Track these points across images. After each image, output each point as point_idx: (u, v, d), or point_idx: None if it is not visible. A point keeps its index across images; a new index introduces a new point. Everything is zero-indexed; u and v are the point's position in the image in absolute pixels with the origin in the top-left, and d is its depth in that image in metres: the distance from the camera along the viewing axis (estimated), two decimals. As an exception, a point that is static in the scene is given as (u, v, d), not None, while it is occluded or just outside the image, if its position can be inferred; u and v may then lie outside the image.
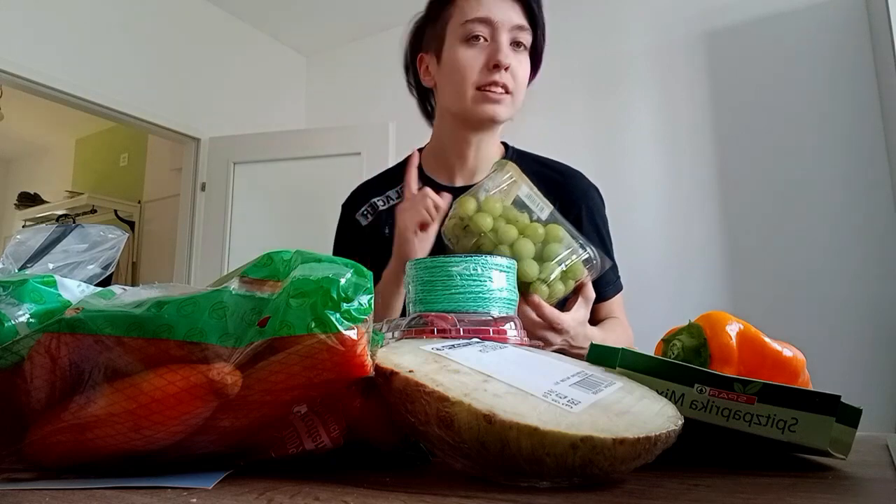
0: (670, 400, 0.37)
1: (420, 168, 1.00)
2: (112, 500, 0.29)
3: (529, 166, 0.97)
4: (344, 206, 1.05)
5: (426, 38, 0.96)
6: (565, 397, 0.32)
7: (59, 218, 4.08)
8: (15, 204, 4.41)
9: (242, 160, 3.01)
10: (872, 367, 2.02)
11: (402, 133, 2.79)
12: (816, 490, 0.30)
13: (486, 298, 0.50)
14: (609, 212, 1.01)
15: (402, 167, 1.03)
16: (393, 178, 1.02)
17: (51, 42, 2.50)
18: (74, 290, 0.42)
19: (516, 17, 0.88)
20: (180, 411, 0.31)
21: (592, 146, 2.68)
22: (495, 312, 0.50)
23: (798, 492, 0.30)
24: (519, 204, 0.72)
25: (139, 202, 3.90)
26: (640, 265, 2.50)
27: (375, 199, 1.01)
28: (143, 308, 0.32)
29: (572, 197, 0.95)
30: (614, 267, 0.98)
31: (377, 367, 0.34)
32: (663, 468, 0.35)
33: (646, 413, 0.32)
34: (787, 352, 0.44)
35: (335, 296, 0.32)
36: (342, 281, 0.32)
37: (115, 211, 3.83)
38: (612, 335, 0.89)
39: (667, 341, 0.48)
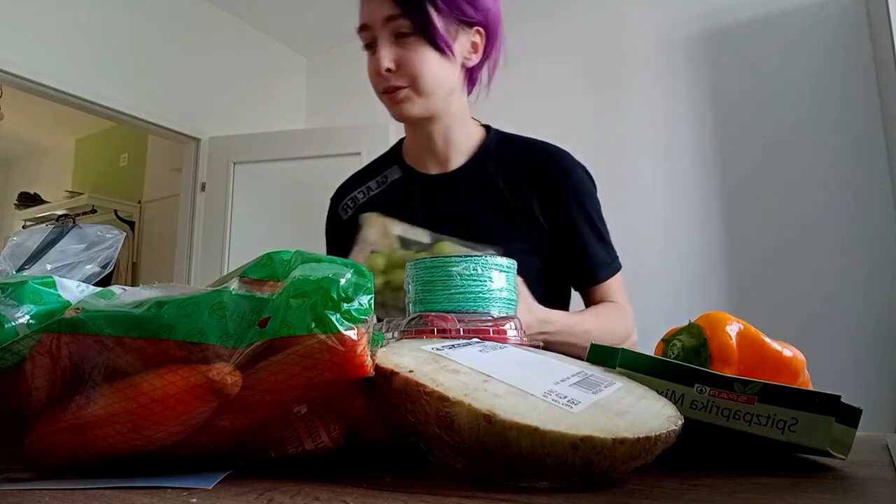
0: (670, 400, 0.37)
1: (401, 157, 1.00)
2: (112, 500, 0.29)
3: (511, 149, 0.96)
4: (331, 200, 1.06)
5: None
6: (565, 397, 0.32)
7: (59, 218, 4.08)
8: (15, 204, 4.41)
9: (242, 160, 3.01)
10: (872, 367, 2.02)
11: (401, 133, 2.79)
12: (816, 490, 0.30)
13: (486, 298, 0.50)
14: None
15: (384, 158, 1.03)
16: (375, 169, 1.02)
17: (51, 42, 2.50)
18: (74, 290, 0.42)
19: (386, 8, 0.84)
20: (180, 411, 0.31)
21: (592, 146, 2.68)
22: (495, 312, 0.50)
23: (798, 492, 0.30)
24: (403, 242, 0.73)
25: (139, 202, 3.90)
26: (640, 265, 2.50)
27: (356, 193, 1.02)
28: (143, 308, 0.32)
29: (553, 176, 0.92)
30: (608, 248, 0.95)
31: (377, 367, 0.34)
32: (663, 468, 0.34)
33: (646, 413, 0.32)
34: (787, 352, 0.44)
35: (335, 296, 0.32)
36: (342, 281, 0.32)
37: (115, 211, 3.83)
38: (603, 321, 0.87)
39: (667, 341, 0.48)
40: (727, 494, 0.29)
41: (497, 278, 0.51)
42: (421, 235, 0.72)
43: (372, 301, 0.34)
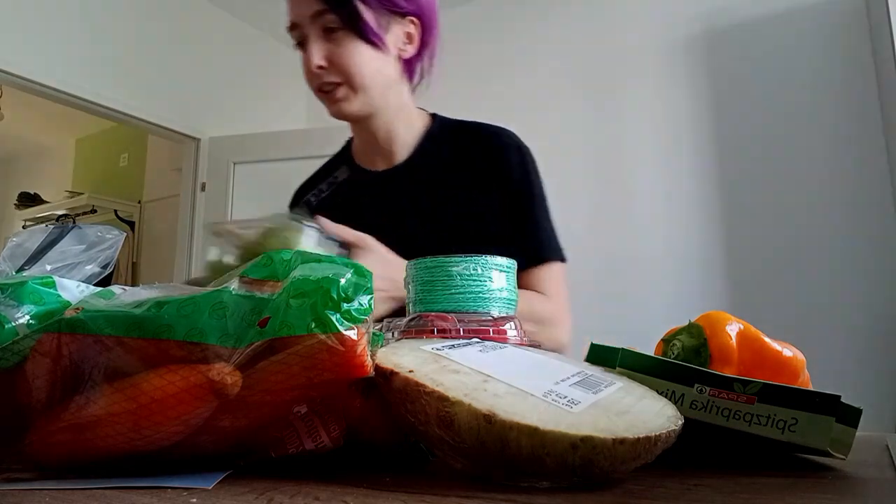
0: (670, 400, 0.37)
1: (351, 156, 0.99)
2: (112, 500, 0.29)
3: (453, 135, 0.93)
4: (288, 206, 1.05)
5: None
6: (565, 397, 0.32)
7: (59, 218, 4.08)
8: (15, 204, 4.41)
9: (242, 160, 3.01)
10: (872, 367, 2.02)
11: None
12: (816, 490, 0.30)
13: (486, 298, 0.50)
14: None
15: (335, 159, 1.02)
16: (326, 171, 1.01)
17: (51, 42, 2.50)
18: (74, 290, 0.42)
19: (313, 4, 0.81)
20: (180, 411, 0.31)
21: (592, 146, 2.68)
22: (495, 312, 0.50)
23: (798, 492, 0.30)
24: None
25: (139, 202, 3.90)
26: (640, 265, 2.50)
27: (309, 196, 1.00)
28: (143, 308, 0.32)
29: (493, 155, 0.89)
30: (542, 235, 0.89)
31: (377, 367, 0.34)
32: (663, 468, 0.34)
33: (646, 413, 0.32)
34: (787, 352, 0.44)
35: (335, 296, 0.32)
36: (342, 281, 0.32)
37: (115, 211, 3.83)
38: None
39: (667, 341, 0.48)
40: (727, 494, 0.29)
41: (497, 278, 0.51)
42: (249, 228, 0.67)
43: (372, 301, 0.34)
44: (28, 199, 4.34)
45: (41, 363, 0.33)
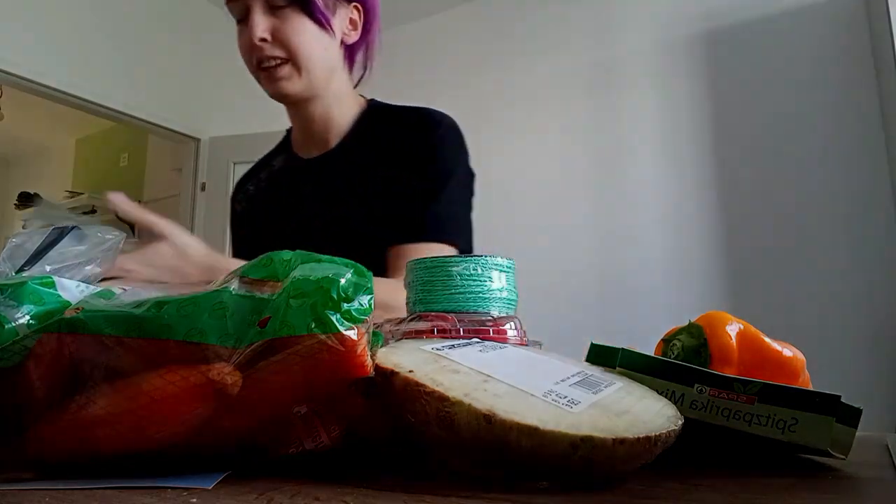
0: (670, 400, 0.37)
1: (290, 145, 0.97)
2: (112, 500, 0.29)
3: (384, 118, 0.91)
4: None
5: None
6: (565, 397, 0.32)
7: (59, 218, 4.08)
8: (15, 204, 4.41)
9: (242, 160, 3.01)
10: (872, 367, 2.02)
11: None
12: (816, 490, 0.30)
13: (486, 298, 0.50)
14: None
15: (275, 149, 1.02)
16: (266, 160, 1.01)
17: (51, 42, 2.50)
18: (73, 289, 0.42)
19: None
20: (180, 411, 0.31)
21: (592, 146, 2.68)
22: (495, 312, 0.50)
23: (798, 492, 0.30)
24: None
25: (139, 202, 3.89)
26: (641, 265, 2.50)
27: (248, 185, 1.00)
28: (143, 308, 0.32)
29: (403, 136, 0.87)
30: (431, 212, 0.82)
31: (377, 367, 0.34)
32: (663, 468, 0.34)
33: (646, 413, 0.32)
34: (787, 352, 0.44)
35: (335, 296, 0.32)
36: (342, 281, 0.32)
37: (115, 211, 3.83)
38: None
39: (667, 341, 0.48)
40: (727, 494, 0.29)
41: (497, 278, 0.51)
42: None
43: (372, 301, 0.34)
44: (28, 199, 4.33)
45: (41, 363, 0.33)
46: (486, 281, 0.50)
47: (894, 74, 1.94)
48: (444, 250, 0.80)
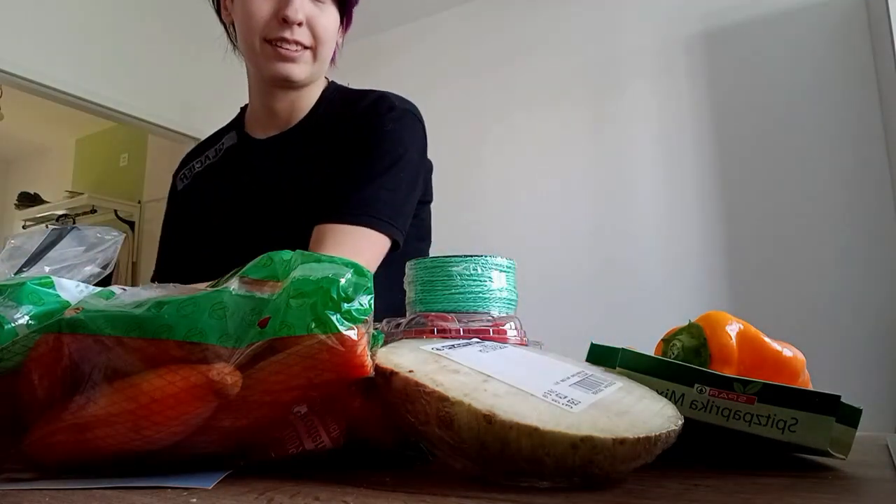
0: (670, 400, 0.37)
1: (242, 123, 0.93)
2: (112, 500, 0.29)
3: (342, 100, 0.88)
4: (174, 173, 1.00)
5: None
6: (565, 397, 0.32)
7: (58, 218, 4.08)
8: (15, 204, 4.40)
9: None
10: (872, 367, 2.02)
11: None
12: (816, 490, 0.30)
13: (486, 298, 0.50)
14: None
15: (225, 128, 0.99)
16: (214, 138, 0.98)
17: (51, 42, 2.50)
18: (73, 289, 0.42)
19: None
20: (180, 411, 0.31)
21: (592, 146, 2.68)
22: (495, 312, 0.50)
23: (798, 492, 0.30)
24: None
25: (139, 202, 3.90)
26: (641, 265, 2.50)
27: (194, 163, 0.97)
28: (143, 308, 0.32)
29: (354, 117, 0.84)
30: (364, 194, 0.76)
31: (377, 367, 0.34)
32: (663, 468, 0.35)
33: (646, 413, 0.32)
34: (787, 352, 0.44)
35: (335, 296, 0.32)
36: (342, 281, 0.32)
37: (115, 211, 3.83)
38: None
39: (667, 341, 0.48)
40: (727, 494, 0.29)
41: (497, 278, 0.51)
42: None
43: (372, 301, 0.34)
44: (28, 199, 4.33)
45: (41, 363, 0.33)
46: (486, 281, 0.50)
47: (894, 74, 1.94)
48: (370, 237, 0.74)
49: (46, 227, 4.24)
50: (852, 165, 2.17)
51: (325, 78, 0.92)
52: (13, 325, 0.36)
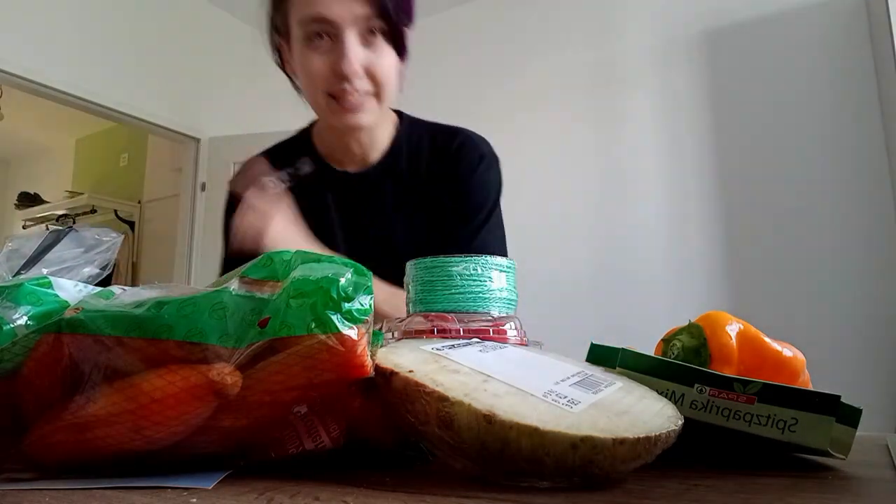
0: (670, 400, 0.37)
1: (314, 148, 0.91)
2: (112, 500, 0.29)
3: (424, 137, 0.90)
4: (238, 182, 0.94)
5: (278, 22, 0.83)
6: (565, 397, 0.32)
7: (58, 218, 4.08)
8: (15, 204, 4.41)
9: (242, 160, 3.00)
10: (872, 367, 2.02)
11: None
12: (816, 490, 0.30)
13: (486, 298, 0.50)
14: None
15: (293, 146, 0.94)
16: (284, 156, 0.93)
17: (51, 42, 2.50)
18: (71, 289, 0.41)
19: (359, 6, 0.73)
20: (180, 411, 0.31)
21: (592, 146, 2.68)
22: (495, 312, 0.50)
23: (798, 492, 0.30)
24: None
25: (139, 202, 3.90)
26: (641, 265, 2.50)
27: (267, 180, 0.91)
28: (143, 308, 0.32)
29: (449, 162, 0.87)
30: (482, 244, 0.84)
31: (377, 367, 0.34)
32: (663, 468, 0.34)
33: (646, 413, 0.32)
34: (787, 352, 0.44)
35: (335, 295, 0.32)
36: (342, 281, 0.32)
37: (115, 211, 3.83)
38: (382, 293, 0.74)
39: (667, 341, 0.48)
40: (727, 494, 0.29)
41: (497, 278, 0.51)
42: None
43: (372, 301, 0.34)
44: (28, 199, 4.34)
45: (41, 363, 0.33)
46: (486, 281, 0.50)
47: (894, 74, 1.94)
48: None
49: (47, 227, 4.24)
50: (852, 165, 2.17)
51: (391, 109, 0.92)
52: (12, 325, 0.36)
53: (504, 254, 0.87)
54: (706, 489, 0.31)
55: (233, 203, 0.90)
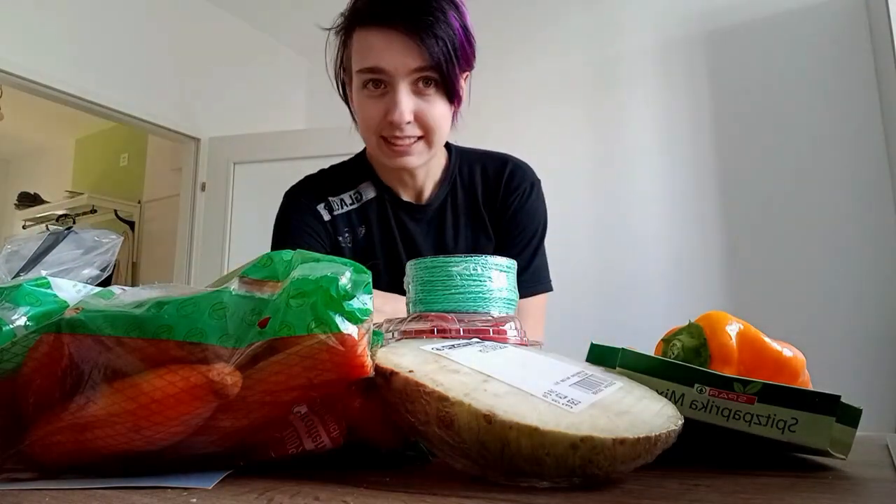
0: (670, 400, 0.37)
1: (375, 174, 0.95)
2: (112, 500, 0.29)
3: (475, 167, 0.96)
4: (295, 193, 0.97)
5: (344, 60, 0.89)
6: (565, 397, 0.32)
7: (59, 218, 4.08)
8: (15, 204, 4.41)
9: (242, 160, 3.01)
10: (872, 367, 2.02)
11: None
12: (816, 490, 0.30)
13: (486, 298, 0.50)
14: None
15: (354, 170, 0.97)
16: (346, 180, 0.96)
17: (51, 42, 2.50)
18: (70, 289, 0.41)
19: (412, 60, 0.78)
20: (180, 412, 0.31)
21: (592, 146, 2.68)
22: (495, 312, 0.50)
23: (798, 492, 0.30)
24: None
25: (139, 202, 3.90)
26: (641, 265, 2.50)
27: (332, 199, 0.95)
28: (143, 308, 0.32)
29: (504, 193, 0.93)
30: (537, 268, 0.93)
31: (377, 367, 0.34)
32: (663, 468, 0.34)
33: (646, 413, 0.32)
34: (787, 352, 0.44)
35: (335, 294, 0.32)
36: (342, 280, 0.32)
37: (115, 211, 3.83)
38: None
39: (667, 341, 0.48)
40: (727, 494, 0.29)
41: (497, 278, 0.51)
42: None
43: (371, 300, 0.34)
44: (28, 199, 4.33)
45: (41, 363, 0.33)
46: (486, 281, 0.50)
47: (894, 74, 1.94)
48: (544, 299, 0.94)
49: (46, 227, 4.23)
50: (852, 165, 2.17)
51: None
52: (11, 326, 0.36)
53: (549, 272, 0.96)
54: (706, 489, 0.31)
55: (300, 210, 0.95)
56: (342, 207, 0.95)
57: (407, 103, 0.80)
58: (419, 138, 0.83)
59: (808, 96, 2.27)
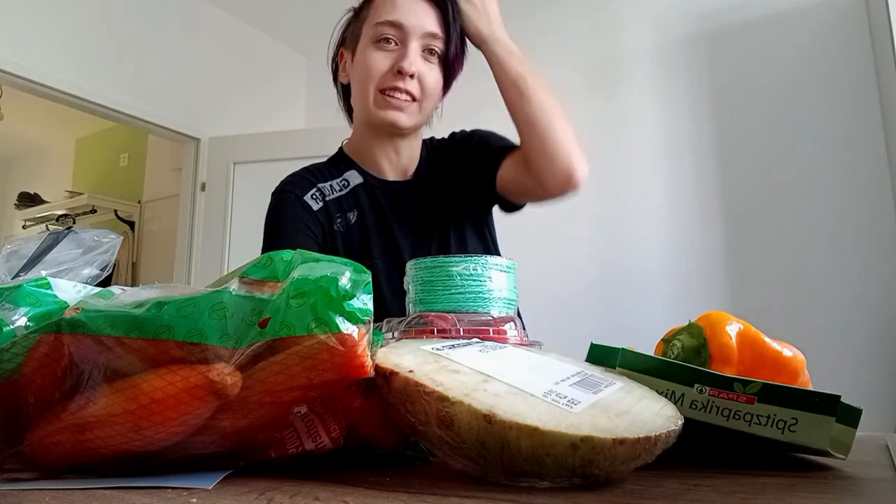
0: (670, 400, 0.37)
1: (352, 160, 0.99)
2: (112, 500, 0.29)
3: (437, 148, 1.02)
4: (284, 190, 0.98)
5: (349, 35, 0.95)
6: (565, 397, 0.32)
7: (59, 218, 4.08)
8: (15, 204, 4.40)
9: (242, 160, 3.01)
10: (872, 367, 2.02)
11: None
12: (816, 490, 0.30)
13: (486, 298, 0.50)
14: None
15: (337, 161, 1.01)
16: (331, 170, 0.99)
17: (51, 42, 2.50)
18: (70, 290, 0.41)
19: (430, 23, 0.87)
20: (180, 412, 0.31)
21: (592, 146, 2.68)
22: (495, 312, 0.50)
23: (798, 492, 0.30)
24: None
25: (139, 202, 3.89)
26: (641, 265, 2.50)
27: (321, 186, 0.96)
28: (143, 308, 0.32)
29: (453, 152, 1.00)
30: (500, 140, 1.01)
31: (377, 367, 0.34)
32: (663, 468, 0.34)
33: (646, 413, 0.32)
34: (787, 352, 0.44)
35: (335, 294, 0.32)
36: (341, 280, 0.32)
37: (115, 211, 3.82)
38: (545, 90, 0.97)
39: (667, 341, 0.48)
40: (727, 494, 0.29)
41: (497, 278, 0.51)
42: None
43: (371, 300, 0.34)
44: (28, 199, 4.33)
45: (41, 363, 0.33)
46: (486, 281, 0.50)
47: (894, 74, 1.94)
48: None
49: (46, 227, 4.22)
50: (852, 165, 2.17)
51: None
52: (11, 327, 0.36)
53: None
54: (706, 489, 0.31)
55: (290, 204, 0.96)
56: (332, 193, 0.98)
57: (415, 59, 0.87)
58: (413, 99, 0.89)
59: (808, 96, 2.27)
